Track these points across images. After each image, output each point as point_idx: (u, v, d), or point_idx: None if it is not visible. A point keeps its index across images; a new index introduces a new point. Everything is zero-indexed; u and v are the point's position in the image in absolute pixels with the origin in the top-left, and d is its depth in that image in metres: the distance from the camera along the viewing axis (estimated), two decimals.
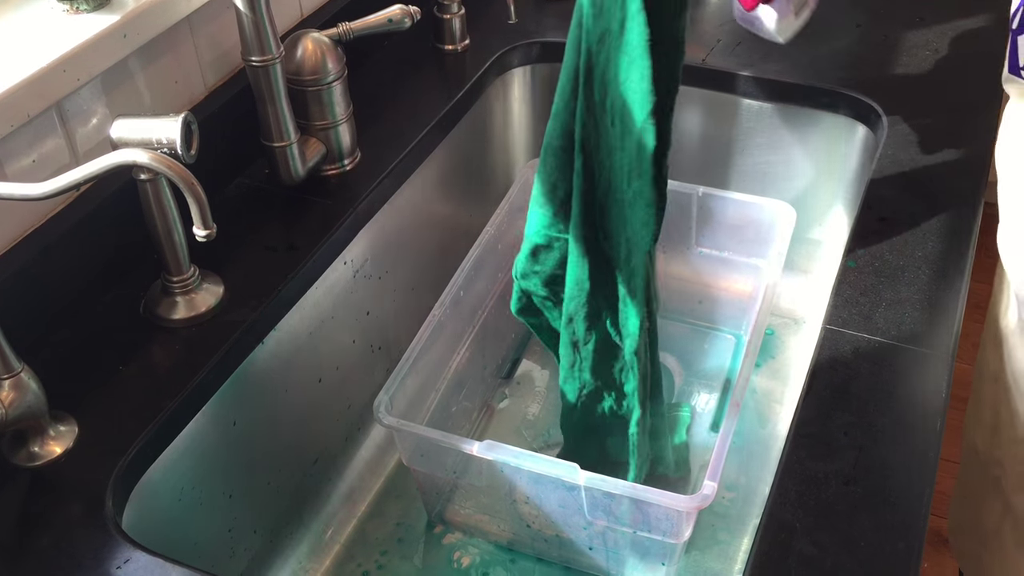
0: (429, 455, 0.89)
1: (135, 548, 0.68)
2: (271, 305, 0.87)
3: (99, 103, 0.86)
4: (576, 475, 0.79)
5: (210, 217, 0.72)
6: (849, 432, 0.75)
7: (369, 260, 1.00)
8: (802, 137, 1.13)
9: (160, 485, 0.78)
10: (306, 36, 0.96)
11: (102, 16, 0.83)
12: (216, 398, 0.82)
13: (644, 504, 0.79)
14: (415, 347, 0.89)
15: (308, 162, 0.98)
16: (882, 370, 0.80)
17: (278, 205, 0.97)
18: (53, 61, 0.78)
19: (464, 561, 0.95)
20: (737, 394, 0.83)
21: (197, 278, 0.85)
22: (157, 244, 0.83)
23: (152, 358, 0.82)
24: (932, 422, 0.75)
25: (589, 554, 0.90)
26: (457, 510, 0.97)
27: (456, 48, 1.20)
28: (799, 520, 0.69)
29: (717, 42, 1.20)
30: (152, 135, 0.75)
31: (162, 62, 0.92)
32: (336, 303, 0.96)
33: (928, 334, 0.82)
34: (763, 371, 1.09)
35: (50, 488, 0.73)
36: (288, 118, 0.94)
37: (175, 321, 0.84)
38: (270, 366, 0.88)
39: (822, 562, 0.67)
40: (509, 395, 1.10)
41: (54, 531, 0.70)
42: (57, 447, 0.75)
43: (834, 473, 0.72)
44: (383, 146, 1.04)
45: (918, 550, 0.67)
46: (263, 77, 0.91)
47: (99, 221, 0.84)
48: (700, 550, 0.93)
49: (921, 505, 0.70)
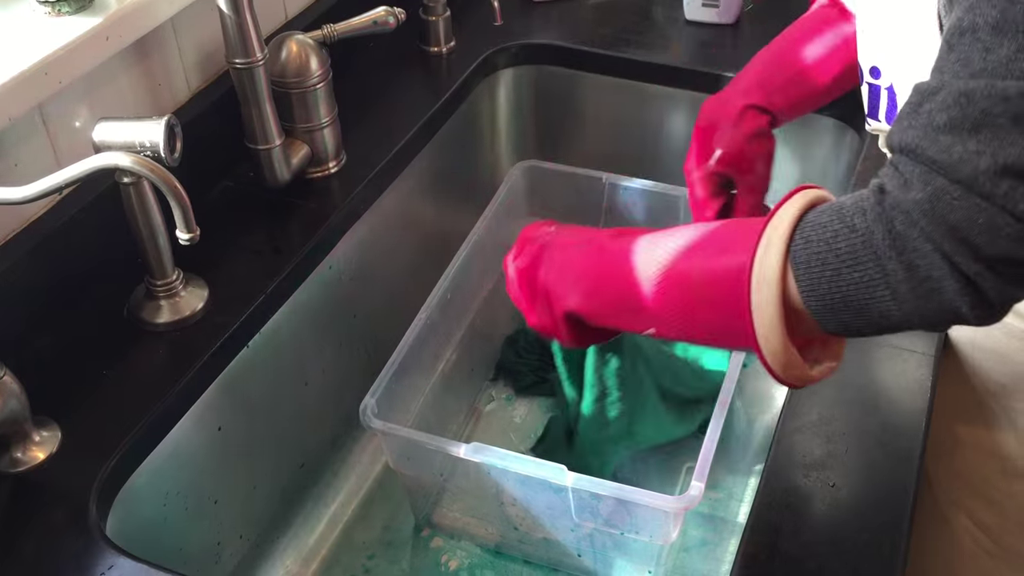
0: (416, 458, 0.89)
1: (119, 554, 0.67)
2: (256, 308, 0.86)
3: (82, 105, 0.85)
4: (563, 477, 0.79)
5: (193, 220, 0.72)
6: (834, 433, 0.75)
7: (355, 263, 1.00)
8: (789, 139, 1.14)
9: (145, 491, 0.77)
10: (290, 38, 0.96)
11: (84, 18, 0.82)
12: (201, 402, 0.82)
13: (631, 505, 0.79)
14: (401, 350, 0.89)
15: (293, 165, 0.97)
16: (868, 371, 0.80)
17: (263, 208, 0.97)
18: (35, 63, 0.77)
19: (452, 564, 0.94)
20: (724, 395, 0.83)
21: (181, 281, 0.85)
22: (141, 247, 0.82)
23: (136, 362, 0.81)
24: (917, 422, 0.76)
25: (577, 556, 0.90)
26: (444, 513, 0.97)
27: (442, 50, 1.20)
28: (785, 521, 0.69)
29: (701, 44, 1.20)
30: (135, 138, 0.74)
31: (145, 64, 0.91)
32: (322, 306, 0.96)
33: (913, 334, 0.83)
34: (750, 372, 1.09)
35: (33, 494, 0.72)
36: (272, 121, 0.94)
37: (159, 325, 0.84)
38: (255, 370, 0.88)
39: (808, 563, 0.67)
40: (496, 397, 1.10)
41: (37, 537, 0.69)
42: (40, 453, 0.74)
43: (820, 474, 0.72)
44: (368, 148, 1.04)
45: (903, 551, 0.67)
46: (247, 79, 0.90)
47: (82, 224, 0.84)
48: (687, 551, 0.93)
49: (905, 506, 0.70)
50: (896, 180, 0.53)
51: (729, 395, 0.83)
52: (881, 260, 0.52)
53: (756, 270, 0.56)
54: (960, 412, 0.91)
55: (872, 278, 0.53)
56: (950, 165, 0.50)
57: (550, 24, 1.25)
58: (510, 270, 0.73)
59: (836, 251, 0.54)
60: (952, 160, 0.50)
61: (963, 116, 0.50)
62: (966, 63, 0.51)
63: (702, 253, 0.62)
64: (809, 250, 0.55)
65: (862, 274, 0.53)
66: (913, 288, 0.52)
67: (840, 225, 0.54)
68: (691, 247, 0.63)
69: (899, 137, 0.54)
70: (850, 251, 0.53)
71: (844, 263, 0.54)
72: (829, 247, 0.54)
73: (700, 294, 0.61)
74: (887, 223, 0.52)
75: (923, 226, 0.51)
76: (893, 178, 0.53)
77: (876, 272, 0.53)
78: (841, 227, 0.54)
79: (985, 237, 0.49)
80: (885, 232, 0.52)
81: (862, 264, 0.53)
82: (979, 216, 0.49)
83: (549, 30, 1.24)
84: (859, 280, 0.53)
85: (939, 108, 0.51)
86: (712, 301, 0.60)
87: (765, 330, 0.57)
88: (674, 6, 1.25)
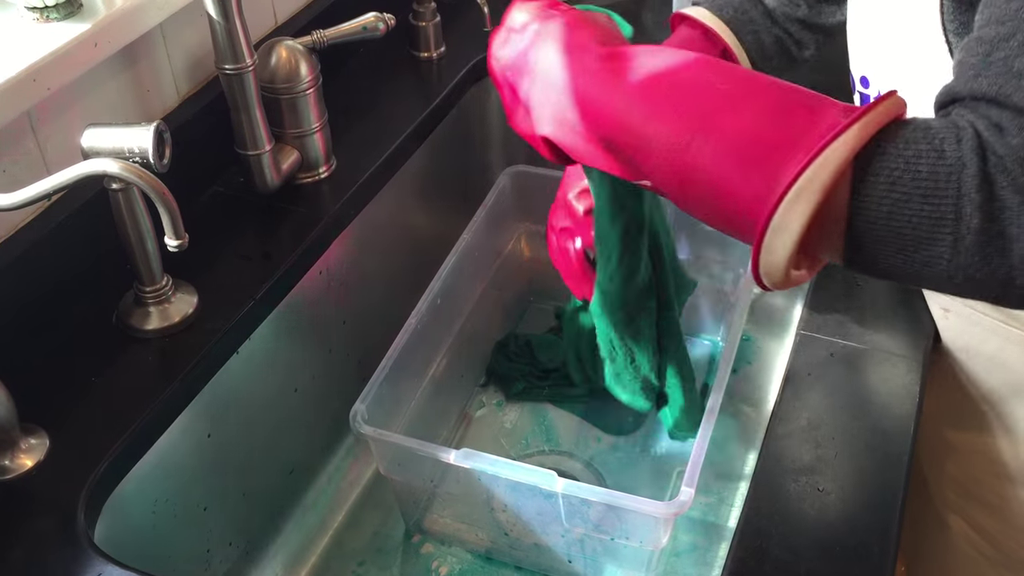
0: (406, 464, 0.88)
1: (108, 562, 0.67)
2: (246, 314, 0.86)
3: (71, 112, 0.85)
4: (553, 482, 0.79)
5: (182, 227, 0.72)
6: (823, 438, 0.75)
7: (344, 268, 1.00)
8: None
9: (133, 498, 0.77)
10: (280, 44, 0.96)
11: (73, 24, 0.82)
12: (190, 409, 0.82)
13: (621, 511, 0.79)
14: (391, 355, 0.89)
15: (283, 170, 0.97)
16: (857, 375, 0.80)
17: (252, 213, 0.97)
18: (23, 70, 0.77)
19: (442, 570, 0.94)
20: (713, 400, 0.83)
21: (170, 288, 0.85)
22: (129, 254, 0.82)
23: (125, 369, 0.81)
24: (905, 426, 0.76)
25: (567, 562, 0.90)
26: (435, 519, 0.97)
27: (431, 55, 1.20)
28: (775, 526, 0.69)
29: None
30: (124, 144, 0.74)
31: (134, 70, 0.91)
32: (311, 312, 0.96)
33: (902, 339, 0.83)
34: (740, 376, 1.10)
35: (21, 502, 0.72)
36: (262, 126, 0.94)
37: (148, 331, 0.83)
38: (245, 376, 0.88)
39: (797, 568, 0.67)
40: (487, 403, 1.10)
41: (25, 545, 0.69)
42: (28, 460, 0.74)
43: (809, 479, 0.72)
44: (358, 154, 1.04)
45: (892, 555, 0.67)
46: (236, 85, 0.90)
47: (70, 230, 0.84)
48: (678, 556, 0.93)
49: (894, 510, 0.70)
50: (985, 123, 0.47)
51: (718, 401, 0.83)
52: (962, 198, 0.46)
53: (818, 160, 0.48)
54: (954, 417, 0.91)
55: (943, 216, 0.46)
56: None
57: None
58: (494, 56, 0.66)
59: (915, 173, 0.47)
60: None
61: None
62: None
63: (752, 106, 0.52)
64: (884, 163, 0.47)
65: (934, 207, 0.46)
66: (981, 242, 0.46)
67: (927, 146, 0.47)
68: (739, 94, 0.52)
69: (969, 87, 0.49)
70: (932, 178, 0.46)
71: (919, 189, 0.46)
72: (908, 166, 0.47)
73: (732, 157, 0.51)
74: (984, 160, 0.46)
75: (1016, 176, 0.45)
76: (980, 120, 0.47)
77: (950, 210, 0.46)
78: (928, 148, 0.47)
79: None
80: (979, 167, 0.46)
81: (939, 196, 0.46)
82: None
83: None
84: (928, 214, 0.46)
85: (1017, 53, 0.47)
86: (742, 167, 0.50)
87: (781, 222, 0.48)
88: (663, 12, 1.25)
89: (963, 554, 0.96)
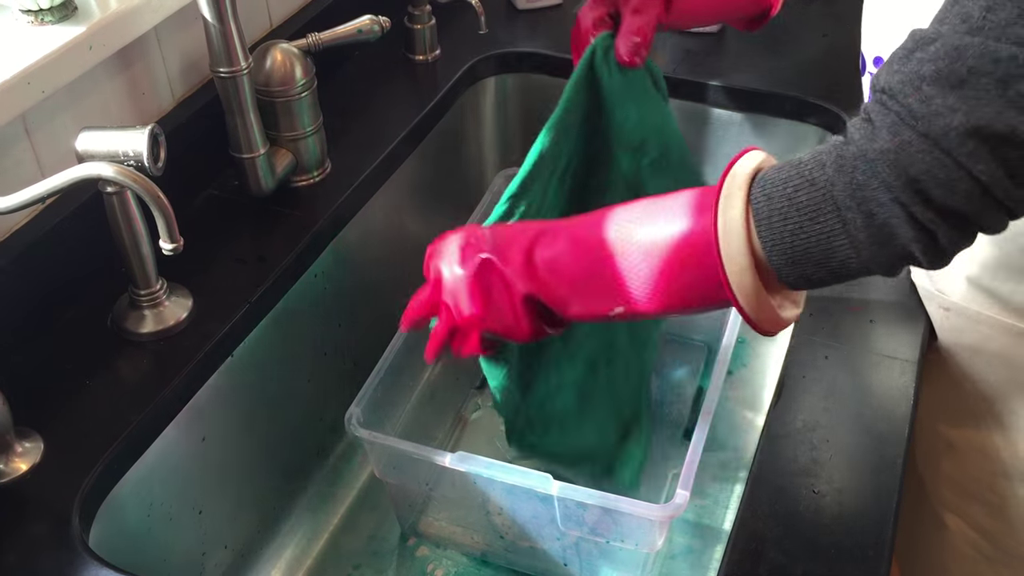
0: (402, 467, 0.88)
1: (102, 566, 0.67)
2: (241, 318, 0.86)
3: (65, 115, 0.85)
4: (549, 485, 0.79)
5: (176, 230, 0.72)
6: (818, 441, 0.75)
7: (340, 271, 1.00)
8: (771, 146, 1.14)
9: (128, 501, 0.77)
10: (275, 47, 0.96)
11: (67, 27, 0.82)
12: (185, 412, 0.81)
13: (617, 513, 0.79)
14: (387, 358, 0.89)
15: (278, 173, 0.97)
16: (851, 377, 0.80)
17: (247, 217, 0.97)
18: (17, 73, 0.77)
19: (438, 573, 0.94)
20: (708, 403, 0.83)
21: (165, 291, 0.85)
22: (124, 257, 0.82)
23: (120, 373, 0.81)
24: (900, 429, 0.76)
25: (563, 565, 0.90)
26: (431, 522, 0.97)
27: (427, 58, 1.20)
28: (770, 529, 0.69)
29: (686, 52, 1.21)
30: (118, 147, 0.74)
31: (129, 73, 0.91)
32: (307, 315, 0.96)
33: (897, 341, 0.83)
34: (735, 379, 1.10)
35: (15, 506, 0.72)
36: (257, 129, 0.93)
37: (143, 335, 0.83)
38: (240, 379, 0.88)
39: (793, 570, 0.67)
40: (482, 406, 1.10)
41: (20, 549, 0.69)
42: (23, 464, 0.74)
43: (805, 481, 0.72)
44: (353, 157, 1.04)
45: (887, 557, 0.68)
46: (231, 88, 0.90)
47: (65, 234, 0.83)
48: (673, 558, 0.94)
49: (890, 512, 0.70)
50: (864, 130, 0.55)
51: (714, 404, 0.83)
52: (841, 211, 0.54)
53: (721, 223, 0.58)
54: (951, 416, 0.91)
55: (833, 228, 0.55)
56: (924, 116, 0.51)
57: (535, 32, 1.25)
58: (451, 274, 0.72)
59: (797, 205, 0.56)
60: (928, 111, 0.51)
61: (950, 70, 0.51)
62: (966, 18, 0.52)
63: (663, 218, 0.62)
64: (771, 206, 0.57)
65: (823, 225, 0.55)
66: (871, 235, 0.54)
67: (800, 180, 0.56)
68: (649, 215, 0.63)
69: (885, 79, 0.54)
70: (811, 204, 0.55)
71: (805, 216, 0.55)
72: (790, 202, 0.56)
73: (668, 257, 0.61)
74: (849, 173, 0.54)
75: (884, 176, 0.53)
76: (861, 128, 0.55)
77: (836, 223, 0.55)
78: (801, 182, 0.56)
79: (942, 191, 0.51)
80: (846, 183, 0.54)
81: (823, 216, 0.55)
82: (940, 171, 0.51)
83: (534, 38, 1.24)
84: (820, 232, 0.55)
85: (930, 58, 0.52)
86: (682, 262, 0.61)
87: (738, 277, 0.58)
88: None
89: (961, 553, 0.96)
